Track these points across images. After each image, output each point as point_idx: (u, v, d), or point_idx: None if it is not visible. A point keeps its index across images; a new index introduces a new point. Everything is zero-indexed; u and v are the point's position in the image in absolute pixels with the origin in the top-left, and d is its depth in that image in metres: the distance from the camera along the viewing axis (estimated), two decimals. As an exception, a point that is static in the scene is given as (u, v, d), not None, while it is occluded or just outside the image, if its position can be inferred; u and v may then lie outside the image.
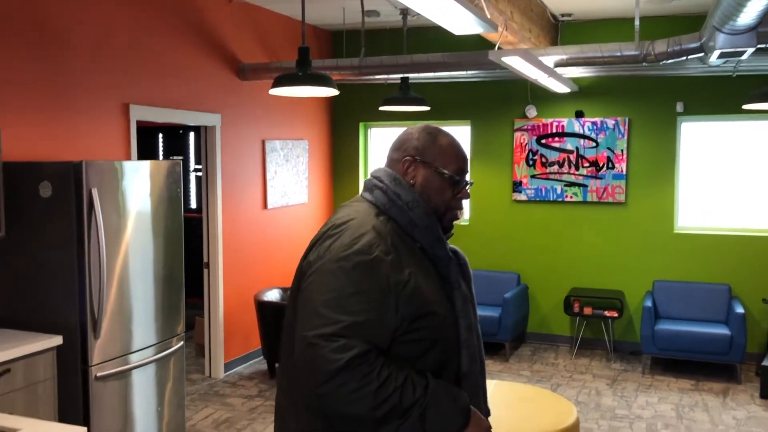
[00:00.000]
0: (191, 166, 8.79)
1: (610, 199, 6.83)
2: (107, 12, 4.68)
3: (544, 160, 7.02)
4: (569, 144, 6.93)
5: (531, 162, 7.06)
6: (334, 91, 4.28)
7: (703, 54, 4.73)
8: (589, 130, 6.86)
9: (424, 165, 1.80)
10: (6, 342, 3.43)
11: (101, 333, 3.68)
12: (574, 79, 6.61)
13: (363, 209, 1.76)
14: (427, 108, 6.18)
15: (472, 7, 3.29)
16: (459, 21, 3.47)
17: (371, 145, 7.87)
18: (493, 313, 6.50)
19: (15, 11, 4.04)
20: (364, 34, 6.05)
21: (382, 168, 1.85)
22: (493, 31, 3.62)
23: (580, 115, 6.90)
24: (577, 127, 6.90)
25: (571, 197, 6.96)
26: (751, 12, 3.49)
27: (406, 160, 1.81)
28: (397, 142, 1.86)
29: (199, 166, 8.44)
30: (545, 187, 7.03)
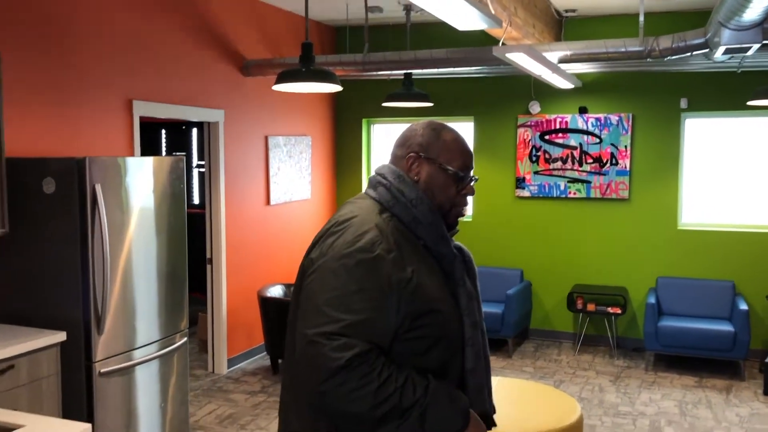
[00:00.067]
0: (194, 162, 8.79)
1: (614, 196, 6.81)
2: (110, 8, 4.68)
3: (547, 156, 7.00)
4: (573, 140, 6.91)
5: (534, 158, 7.04)
6: (337, 87, 4.25)
7: (708, 50, 4.70)
8: (592, 126, 6.84)
9: (428, 161, 1.78)
10: (10, 338, 3.44)
11: (105, 329, 3.68)
12: (578, 75, 6.58)
13: (366, 206, 1.75)
14: (431, 104, 6.17)
15: (476, 3, 3.28)
16: (463, 17, 3.46)
17: (374, 141, 7.86)
18: (496, 309, 6.50)
19: (19, 7, 4.03)
20: (367, 30, 6.04)
21: (387, 165, 1.84)
22: (497, 27, 3.61)
23: (583, 111, 6.88)
24: (580, 123, 6.88)
25: (574, 193, 6.94)
26: (757, 8, 3.47)
27: (410, 157, 1.79)
28: (401, 139, 1.84)
29: (202, 162, 8.43)
30: (548, 184, 7.02)
